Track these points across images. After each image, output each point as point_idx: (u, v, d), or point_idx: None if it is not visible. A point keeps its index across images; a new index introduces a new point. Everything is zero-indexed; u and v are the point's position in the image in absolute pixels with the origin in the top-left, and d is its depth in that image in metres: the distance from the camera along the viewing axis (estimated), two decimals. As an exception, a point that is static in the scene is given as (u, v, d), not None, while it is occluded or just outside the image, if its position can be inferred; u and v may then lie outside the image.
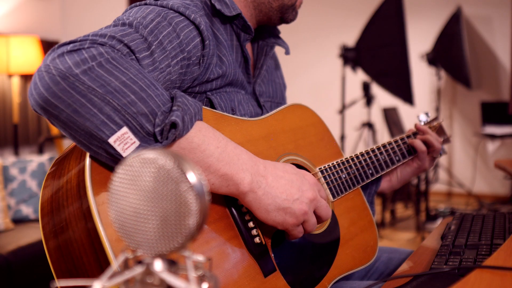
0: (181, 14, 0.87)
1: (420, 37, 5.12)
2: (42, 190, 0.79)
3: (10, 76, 3.59)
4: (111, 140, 0.70)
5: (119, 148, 0.70)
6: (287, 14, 1.06)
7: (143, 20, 0.83)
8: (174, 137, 0.73)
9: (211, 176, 0.78)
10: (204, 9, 0.94)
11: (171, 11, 0.87)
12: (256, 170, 0.82)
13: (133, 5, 0.91)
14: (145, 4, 0.89)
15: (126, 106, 0.70)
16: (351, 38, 4.81)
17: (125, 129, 0.70)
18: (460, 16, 4.52)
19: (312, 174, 1.01)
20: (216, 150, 0.78)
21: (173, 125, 0.72)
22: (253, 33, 1.01)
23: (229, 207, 0.86)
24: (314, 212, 0.88)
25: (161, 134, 0.72)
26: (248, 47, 1.09)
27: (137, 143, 0.71)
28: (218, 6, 0.96)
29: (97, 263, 0.70)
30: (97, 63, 0.70)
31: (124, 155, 0.70)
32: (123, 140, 0.70)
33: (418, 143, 1.21)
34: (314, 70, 5.67)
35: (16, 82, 3.55)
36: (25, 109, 3.86)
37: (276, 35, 1.13)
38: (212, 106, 0.95)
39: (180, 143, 0.75)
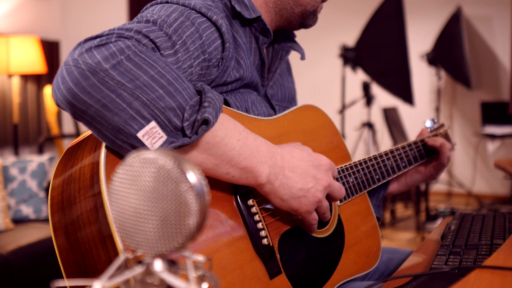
0: (203, 15, 0.87)
1: (420, 37, 5.12)
2: (52, 179, 0.79)
3: (10, 76, 3.59)
4: (139, 135, 0.70)
5: (147, 142, 0.70)
6: (308, 19, 1.06)
7: (167, 18, 0.82)
8: (203, 132, 0.73)
9: (232, 169, 0.79)
10: (224, 10, 0.94)
11: (193, 11, 0.87)
12: (274, 162, 0.84)
13: (153, 2, 0.91)
14: (167, 2, 0.89)
15: (154, 100, 0.70)
16: (351, 38, 4.81)
17: (153, 124, 0.70)
18: (460, 16, 4.52)
19: None
20: (237, 143, 0.79)
21: (205, 121, 0.72)
22: (272, 36, 1.00)
23: (239, 207, 0.86)
24: (329, 196, 0.92)
25: (190, 128, 0.72)
26: (264, 50, 1.09)
27: (165, 137, 0.71)
28: (238, 8, 0.95)
29: (107, 258, 0.70)
30: (125, 57, 0.70)
31: (152, 149, 0.71)
32: (151, 134, 0.70)
33: (444, 151, 1.22)
34: (314, 70, 5.68)
35: (16, 82, 3.56)
36: (25, 109, 3.86)
37: (292, 39, 1.12)
38: (227, 106, 0.95)
39: (205, 137, 0.75)
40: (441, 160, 1.22)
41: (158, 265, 0.45)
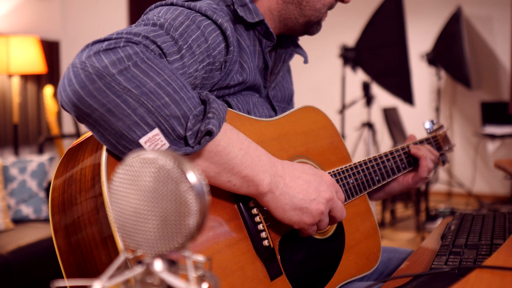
0: (209, 17, 0.87)
1: (420, 37, 5.11)
2: (53, 180, 0.79)
3: (10, 76, 3.59)
4: (142, 141, 0.70)
5: (149, 150, 0.70)
6: (312, 29, 1.06)
7: (173, 22, 0.82)
8: (206, 143, 0.73)
9: (233, 177, 0.79)
10: (228, 14, 0.94)
11: (199, 14, 0.86)
12: (274, 171, 0.83)
13: (158, 4, 0.90)
14: (172, 4, 0.88)
15: (159, 108, 0.70)
16: (351, 38, 4.81)
17: (156, 131, 0.70)
18: (460, 16, 4.52)
19: None
20: (239, 152, 0.79)
21: (209, 132, 0.72)
22: (275, 40, 1.00)
23: (240, 209, 0.86)
24: (330, 213, 0.90)
25: (194, 138, 0.72)
26: (267, 52, 1.09)
27: (167, 145, 0.71)
28: (240, 12, 0.95)
29: (108, 259, 0.70)
30: (133, 63, 0.70)
31: None
32: (153, 141, 0.70)
33: (424, 165, 1.18)
34: (314, 70, 5.68)
35: (16, 82, 3.55)
36: (25, 109, 3.86)
37: (295, 42, 1.12)
38: (229, 107, 0.94)
39: (208, 146, 0.76)
40: (420, 172, 1.18)
41: (158, 265, 0.45)
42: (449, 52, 4.49)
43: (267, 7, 1.02)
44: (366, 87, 4.09)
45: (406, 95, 3.85)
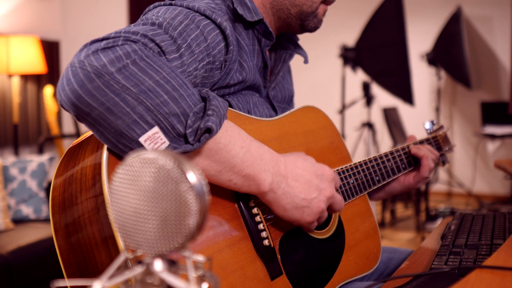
0: (208, 17, 0.87)
1: (420, 37, 5.11)
2: (54, 179, 0.79)
3: (10, 76, 3.59)
4: (141, 139, 0.70)
5: (149, 148, 0.70)
6: (308, 21, 1.03)
7: (172, 21, 0.82)
8: (206, 140, 0.73)
9: (234, 176, 0.79)
10: (227, 13, 0.94)
11: (198, 13, 0.87)
12: (277, 170, 0.83)
13: (157, 4, 0.90)
14: (170, 4, 0.89)
15: (158, 106, 0.70)
16: (351, 38, 4.81)
17: (156, 129, 0.70)
18: (460, 16, 4.52)
19: None
20: (241, 150, 0.79)
21: (208, 130, 0.72)
22: (274, 39, 1.00)
23: (240, 208, 0.86)
24: (329, 207, 0.91)
25: (193, 136, 0.72)
26: (267, 52, 1.08)
27: (167, 143, 0.71)
28: (240, 11, 0.95)
29: (109, 259, 0.70)
30: (131, 61, 0.70)
31: None
32: (153, 139, 0.70)
33: (425, 165, 1.18)
34: (314, 70, 5.67)
35: (16, 82, 3.56)
36: (25, 109, 3.86)
37: (295, 42, 1.12)
38: (230, 107, 0.94)
39: (208, 144, 0.75)
40: (421, 172, 1.18)
41: (158, 265, 0.45)
42: (449, 52, 4.49)
43: (260, 1, 1.02)
44: (366, 87, 4.09)
45: (406, 95, 3.85)
